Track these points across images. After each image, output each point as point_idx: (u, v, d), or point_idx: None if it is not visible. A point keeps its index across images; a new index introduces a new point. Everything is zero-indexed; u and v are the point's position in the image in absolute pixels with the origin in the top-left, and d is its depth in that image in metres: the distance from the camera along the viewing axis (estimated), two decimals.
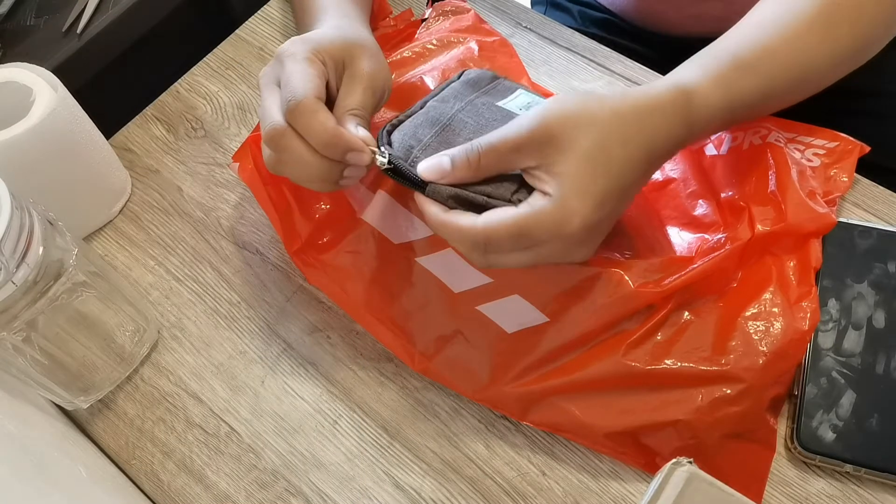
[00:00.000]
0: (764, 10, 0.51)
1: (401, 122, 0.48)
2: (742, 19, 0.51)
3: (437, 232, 0.44)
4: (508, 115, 0.47)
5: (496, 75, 0.52)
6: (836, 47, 0.49)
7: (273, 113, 0.45)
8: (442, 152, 0.43)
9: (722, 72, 0.46)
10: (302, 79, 0.45)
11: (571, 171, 0.40)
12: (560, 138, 0.41)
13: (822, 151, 0.53)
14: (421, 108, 0.49)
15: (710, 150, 0.55)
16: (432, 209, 0.43)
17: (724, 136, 0.55)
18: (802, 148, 0.54)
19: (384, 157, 0.44)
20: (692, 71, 0.46)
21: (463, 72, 0.52)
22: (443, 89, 0.50)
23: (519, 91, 0.51)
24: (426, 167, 0.43)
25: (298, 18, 0.60)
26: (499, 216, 0.41)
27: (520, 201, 0.42)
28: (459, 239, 0.42)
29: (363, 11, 0.57)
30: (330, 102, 0.47)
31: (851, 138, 0.54)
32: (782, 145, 0.53)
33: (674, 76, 0.46)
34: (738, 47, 0.48)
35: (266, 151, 0.46)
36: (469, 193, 0.43)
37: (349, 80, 0.48)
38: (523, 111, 0.48)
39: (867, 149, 0.53)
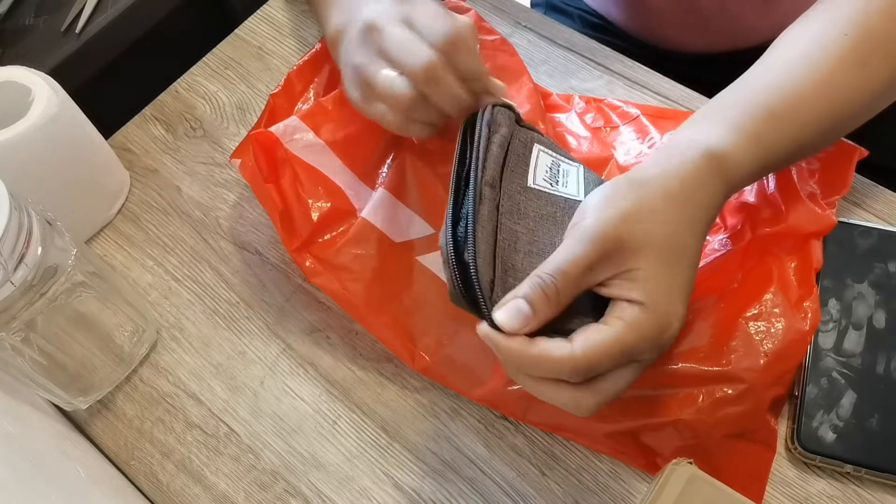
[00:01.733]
0: (792, 50, 0.48)
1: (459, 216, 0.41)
2: (768, 56, 0.48)
3: (519, 367, 0.38)
4: (550, 202, 0.44)
5: (511, 120, 0.47)
6: (872, 85, 0.47)
7: (419, 47, 0.45)
8: (512, 294, 0.38)
9: (755, 129, 0.43)
10: (446, 13, 0.46)
11: (652, 272, 0.37)
12: (629, 242, 0.37)
13: (821, 155, 0.54)
14: (465, 185, 0.42)
15: None
16: (515, 344, 0.37)
17: None
18: None
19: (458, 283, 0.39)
20: (723, 133, 0.43)
21: (484, 120, 0.46)
22: (478, 153, 0.43)
23: (537, 151, 0.46)
24: (507, 318, 0.37)
25: (321, 10, 0.57)
26: (597, 338, 0.36)
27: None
28: (556, 371, 0.37)
29: None
30: None
31: (850, 142, 0.54)
32: None
33: (704, 139, 0.42)
34: (769, 98, 0.45)
35: (400, 93, 0.45)
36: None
37: (452, 49, 0.47)
38: (557, 187, 0.45)
39: (865, 153, 0.53)
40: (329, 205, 0.53)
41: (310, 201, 0.53)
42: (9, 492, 0.39)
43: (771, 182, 0.52)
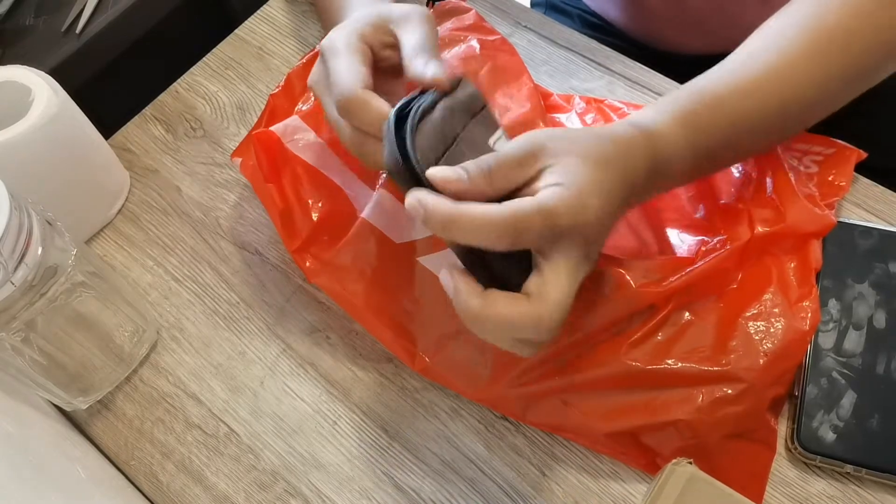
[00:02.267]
0: (754, 42, 0.49)
1: (408, 109, 0.43)
2: (738, 49, 0.50)
3: (446, 230, 0.39)
4: None
5: (485, 101, 0.48)
6: (826, 79, 0.48)
7: (338, 117, 0.45)
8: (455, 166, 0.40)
9: (684, 112, 0.46)
10: (347, 72, 0.44)
11: (571, 167, 0.40)
12: (553, 148, 0.40)
13: (819, 158, 0.54)
14: (431, 108, 0.44)
15: None
16: (444, 205, 0.38)
17: None
18: (800, 156, 0.54)
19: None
20: (652, 115, 0.46)
21: (463, 79, 0.49)
22: (446, 95, 0.46)
23: (500, 132, 0.47)
24: (440, 171, 0.39)
25: (324, 20, 0.58)
26: (523, 202, 0.38)
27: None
28: (485, 229, 0.38)
29: None
30: (383, 72, 0.47)
31: (848, 145, 0.54)
32: (778, 153, 0.53)
33: (638, 119, 0.46)
34: (709, 84, 0.47)
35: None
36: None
37: (404, 27, 0.46)
38: None
39: (864, 155, 0.53)
40: (329, 205, 0.53)
41: (310, 201, 0.53)
42: (8, 492, 0.39)
43: (769, 184, 0.52)
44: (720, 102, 0.46)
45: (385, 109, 0.43)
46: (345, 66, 0.45)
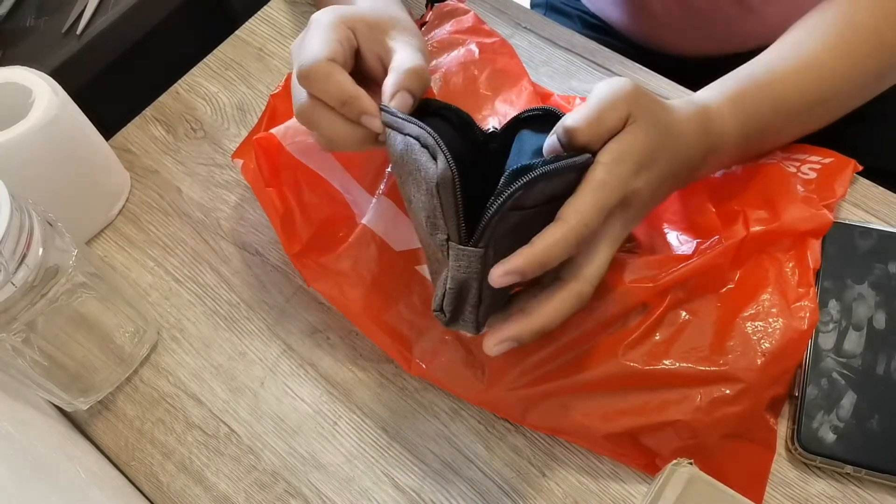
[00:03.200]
0: (788, 37, 0.52)
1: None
2: (770, 46, 0.52)
3: (536, 273, 0.39)
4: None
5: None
6: (853, 73, 0.51)
7: (299, 88, 0.45)
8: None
9: (735, 89, 0.49)
10: (319, 42, 0.44)
11: (637, 136, 0.41)
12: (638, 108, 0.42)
13: (817, 167, 0.54)
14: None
15: None
16: (519, 260, 0.39)
17: None
18: (798, 164, 0.54)
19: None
20: (706, 94, 0.49)
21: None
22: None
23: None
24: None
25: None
26: (582, 209, 0.40)
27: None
28: (557, 254, 0.39)
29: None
30: (363, 73, 0.47)
31: (845, 156, 0.54)
32: (776, 161, 0.53)
33: (691, 96, 0.49)
34: (754, 69, 0.50)
35: (308, 126, 0.46)
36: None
37: (399, 41, 0.46)
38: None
39: (860, 167, 0.54)
40: (329, 210, 0.53)
41: (310, 206, 0.53)
42: (9, 492, 0.39)
43: (765, 189, 0.52)
44: (764, 86, 0.49)
45: (347, 84, 0.43)
46: (318, 35, 0.45)
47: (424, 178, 0.40)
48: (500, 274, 0.38)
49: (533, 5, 0.88)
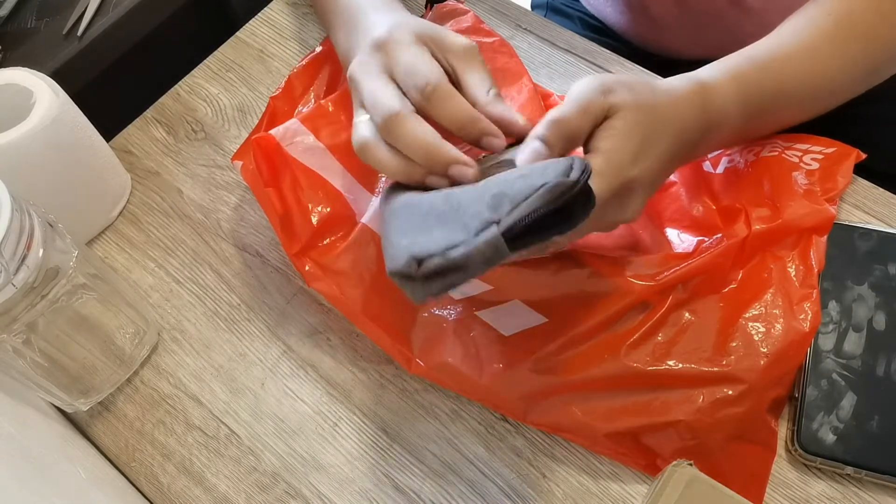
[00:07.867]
0: (786, 25, 0.53)
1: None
2: (770, 33, 0.53)
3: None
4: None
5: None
6: (847, 63, 0.51)
7: (388, 100, 0.43)
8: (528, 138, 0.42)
9: (737, 68, 0.49)
10: (427, 63, 0.44)
11: (632, 122, 0.42)
12: (616, 93, 0.43)
13: (819, 157, 0.54)
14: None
15: (707, 166, 0.55)
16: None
17: (721, 157, 0.55)
18: (800, 154, 0.54)
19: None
20: (708, 69, 0.49)
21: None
22: None
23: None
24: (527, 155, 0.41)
25: (329, 19, 0.57)
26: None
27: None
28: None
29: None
30: None
31: (848, 145, 0.54)
32: (778, 152, 0.53)
33: (694, 75, 0.49)
34: (754, 51, 0.51)
35: (369, 148, 0.44)
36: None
37: (465, 62, 0.46)
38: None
39: (863, 155, 0.53)
40: (329, 209, 0.53)
41: (309, 206, 0.53)
42: (9, 493, 0.39)
43: (767, 183, 0.52)
44: (765, 67, 0.50)
45: (468, 105, 0.44)
46: (419, 55, 0.45)
47: (539, 170, 0.38)
48: None
49: (533, 6, 0.88)
